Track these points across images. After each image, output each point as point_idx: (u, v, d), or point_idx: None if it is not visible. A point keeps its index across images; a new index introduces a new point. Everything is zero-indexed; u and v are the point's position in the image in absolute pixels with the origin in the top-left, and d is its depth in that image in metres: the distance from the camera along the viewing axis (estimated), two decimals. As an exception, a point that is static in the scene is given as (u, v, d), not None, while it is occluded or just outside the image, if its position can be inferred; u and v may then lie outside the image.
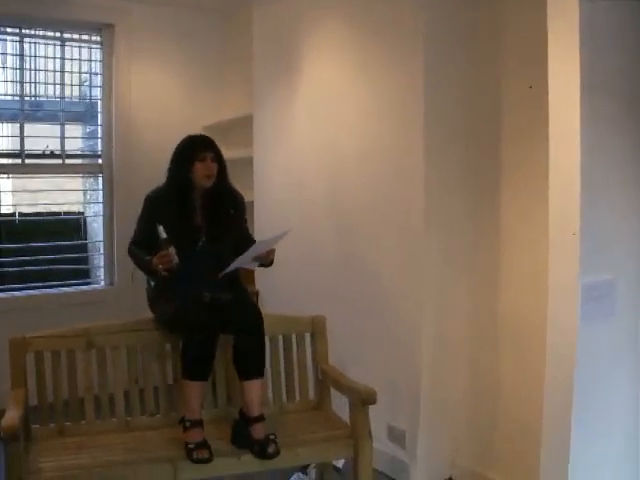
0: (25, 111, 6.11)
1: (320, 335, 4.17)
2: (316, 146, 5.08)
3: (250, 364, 3.66)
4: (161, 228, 3.61)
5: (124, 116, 6.24)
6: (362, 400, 3.69)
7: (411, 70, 4.25)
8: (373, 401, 3.68)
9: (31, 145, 6.15)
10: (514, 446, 4.06)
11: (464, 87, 4.25)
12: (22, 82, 6.05)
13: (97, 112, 6.43)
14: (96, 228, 7.18)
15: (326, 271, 4.92)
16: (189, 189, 3.81)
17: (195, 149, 3.81)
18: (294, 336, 4.16)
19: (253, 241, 3.99)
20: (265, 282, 4.11)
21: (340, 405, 4.12)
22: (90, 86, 6.48)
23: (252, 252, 3.74)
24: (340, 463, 4.45)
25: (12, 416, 3.32)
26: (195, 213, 3.85)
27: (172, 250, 3.57)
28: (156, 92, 6.40)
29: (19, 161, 6.04)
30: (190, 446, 3.47)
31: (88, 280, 6.78)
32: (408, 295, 4.30)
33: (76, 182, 7.02)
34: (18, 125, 6.06)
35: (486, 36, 4.17)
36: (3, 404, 3.81)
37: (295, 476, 4.30)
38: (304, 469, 4.33)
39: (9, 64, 6.16)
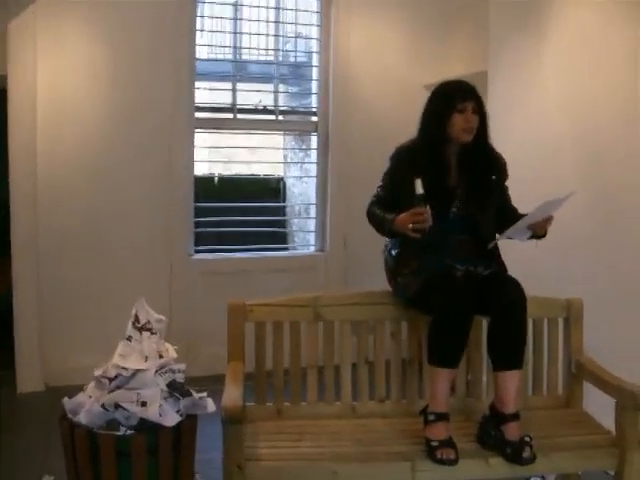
0: (238, 63, 5.81)
1: (576, 321, 3.59)
2: (568, 107, 4.42)
3: (509, 352, 3.11)
4: (418, 182, 3.11)
5: (342, 71, 5.84)
6: (637, 405, 3.08)
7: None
8: (650, 406, 3.08)
9: (243, 100, 5.89)
10: None
11: None
12: (236, 33, 5.74)
13: (311, 67, 6.06)
14: (295, 192, 6.95)
15: (577, 251, 4.32)
16: (444, 144, 3.30)
17: (454, 98, 3.27)
18: (545, 321, 3.61)
19: (515, 211, 3.45)
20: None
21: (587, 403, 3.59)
22: (306, 38, 6.14)
23: (531, 218, 3.19)
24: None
25: (234, 396, 2.92)
26: (449, 172, 3.32)
27: (428, 209, 3.08)
28: (376, 46, 5.95)
29: (231, 116, 5.78)
30: (433, 443, 2.97)
31: (285, 245, 6.53)
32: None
33: (277, 143, 6.77)
34: (230, 79, 5.80)
35: None
36: (214, 369, 3.51)
37: (532, 481, 3.74)
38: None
39: (223, 14, 5.91)
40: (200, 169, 6.39)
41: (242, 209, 6.15)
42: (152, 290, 5.29)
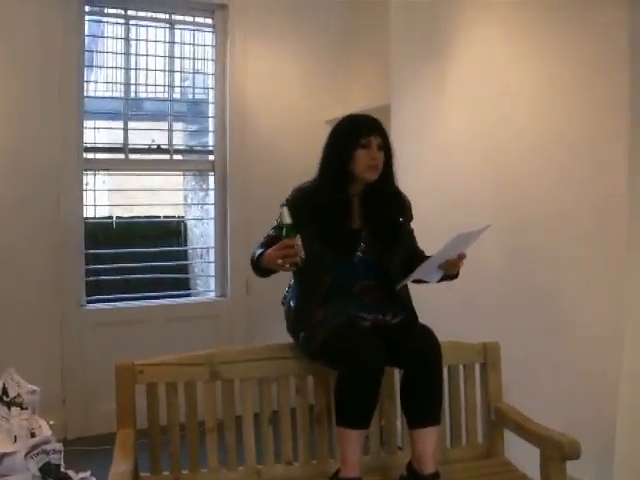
0: (129, 101, 5.51)
1: (493, 366, 3.39)
2: (474, 141, 4.29)
3: (424, 407, 2.87)
4: (285, 210, 2.84)
5: (239, 107, 5.62)
6: (563, 455, 2.86)
7: (609, 37, 3.37)
8: (577, 456, 2.86)
9: (135, 139, 5.62)
10: None
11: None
12: (128, 69, 5.48)
13: (207, 104, 5.83)
14: (197, 234, 6.68)
15: (489, 290, 4.17)
16: (346, 184, 3.05)
17: (358, 132, 3.03)
18: (461, 367, 3.39)
19: (422, 253, 3.21)
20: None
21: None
22: (203, 73, 5.89)
23: (442, 255, 2.95)
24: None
25: (121, 472, 2.59)
26: (352, 214, 3.08)
27: (298, 239, 2.79)
28: (274, 80, 5.74)
29: (122, 156, 5.49)
30: (347, 512, 2.71)
31: (188, 291, 6.23)
32: (603, 321, 3.48)
33: (177, 183, 6.49)
34: (122, 117, 5.52)
35: None
36: (114, 425, 3.10)
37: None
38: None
39: (113, 49, 5.62)
40: (100, 212, 6.07)
41: (141, 254, 5.77)
42: (42, 344, 4.95)
